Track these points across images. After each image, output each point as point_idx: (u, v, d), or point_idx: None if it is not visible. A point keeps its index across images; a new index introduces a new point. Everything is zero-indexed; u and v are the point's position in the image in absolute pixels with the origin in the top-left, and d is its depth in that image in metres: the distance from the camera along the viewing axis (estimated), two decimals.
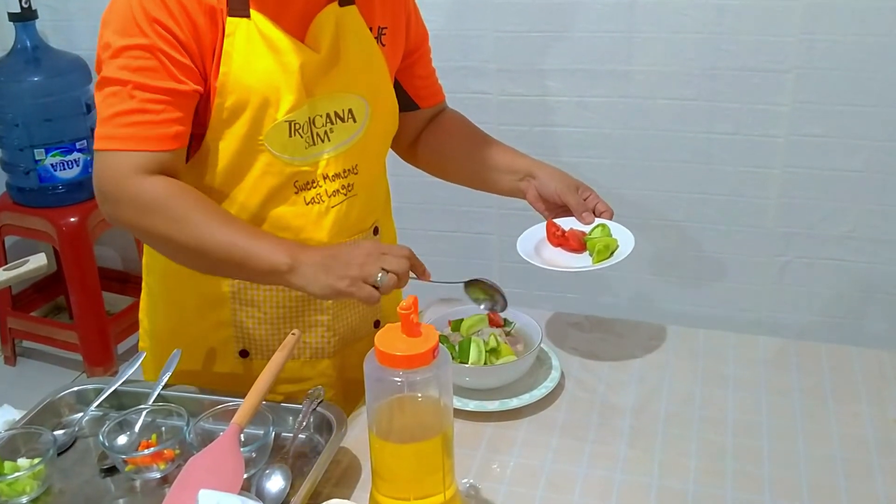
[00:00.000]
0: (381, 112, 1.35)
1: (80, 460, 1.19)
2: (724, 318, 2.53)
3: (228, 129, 1.21)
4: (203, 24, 1.16)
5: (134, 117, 1.15)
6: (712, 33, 2.26)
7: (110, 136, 1.17)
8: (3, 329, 3.07)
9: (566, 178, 1.41)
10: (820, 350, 1.40)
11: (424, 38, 1.46)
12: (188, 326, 1.37)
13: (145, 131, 1.16)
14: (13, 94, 2.73)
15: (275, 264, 1.14)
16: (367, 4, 1.30)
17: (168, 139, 1.17)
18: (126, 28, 1.15)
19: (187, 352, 1.34)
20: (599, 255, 1.32)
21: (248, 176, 1.24)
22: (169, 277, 1.36)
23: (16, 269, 1.31)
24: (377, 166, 1.40)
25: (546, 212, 1.42)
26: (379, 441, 0.99)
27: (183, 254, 1.20)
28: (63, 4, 2.81)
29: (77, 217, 2.80)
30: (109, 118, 1.16)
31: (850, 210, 2.33)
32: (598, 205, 1.40)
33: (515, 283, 2.64)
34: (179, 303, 1.37)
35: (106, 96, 1.17)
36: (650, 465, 1.16)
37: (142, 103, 1.15)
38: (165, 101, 1.16)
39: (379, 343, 0.96)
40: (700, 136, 2.37)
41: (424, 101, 1.49)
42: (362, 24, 1.29)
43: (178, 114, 1.17)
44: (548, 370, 1.33)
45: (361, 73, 1.29)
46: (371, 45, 1.31)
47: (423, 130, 1.52)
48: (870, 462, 1.15)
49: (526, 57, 2.42)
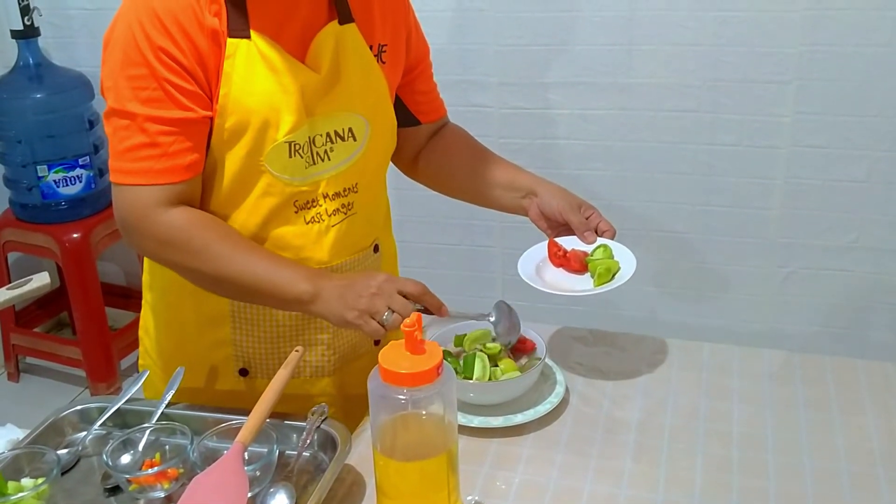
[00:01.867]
0: (380, 130, 1.35)
1: (84, 480, 1.18)
2: (728, 330, 2.52)
3: (229, 150, 1.22)
4: (206, 47, 1.17)
5: (146, 151, 1.17)
6: (713, 45, 2.26)
7: (126, 171, 1.18)
8: (7, 345, 3.06)
9: (568, 197, 1.40)
10: (825, 363, 1.40)
11: (425, 53, 1.46)
12: (188, 344, 1.37)
13: (159, 164, 1.17)
14: (16, 110, 2.74)
15: (298, 294, 1.17)
16: (367, 22, 1.30)
17: (182, 170, 1.18)
18: (131, 57, 1.15)
19: (188, 370, 1.34)
20: (601, 278, 1.31)
21: (249, 196, 1.25)
22: (169, 295, 1.37)
23: (19, 288, 1.31)
24: (377, 184, 1.40)
25: (548, 230, 1.41)
26: (383, 458, 0.99)
27: (207, 283, 1.23)
28: (66, 22, 2.83)
29: (80, 233, 2.80)
30: (123, 153, 1.18)
31: (853, 220, 2.33)
32: (600, 224, 1.38)
33: (519, 297, 2.63)
34: (180, 321, 1.37)
35: (116, 129, 1.18)
36: (655, 479, 1.15)
37: (153, 136, 1.16)
38: (176, 132, 1.16)
39: (383, 361, 0.96)
40: (702, 147, 2.37)
41: (425, 116, 1.49)
42: (362, 43, 1.29)
43: (190, 143, 1.18)
44: (552, 385, 1.32)
45: (361, 91, 1.30)
46: (371, 63, 1.31)
47: (426, 146, 1.51)
48: (876, 474, 1.15)
49: (527, 70, 2.42)
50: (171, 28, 1.14)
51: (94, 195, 2.87)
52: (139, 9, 1.15)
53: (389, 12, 1.34)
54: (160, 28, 1.14)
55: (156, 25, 1.14)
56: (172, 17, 1.14)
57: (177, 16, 1.14)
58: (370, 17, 1.31)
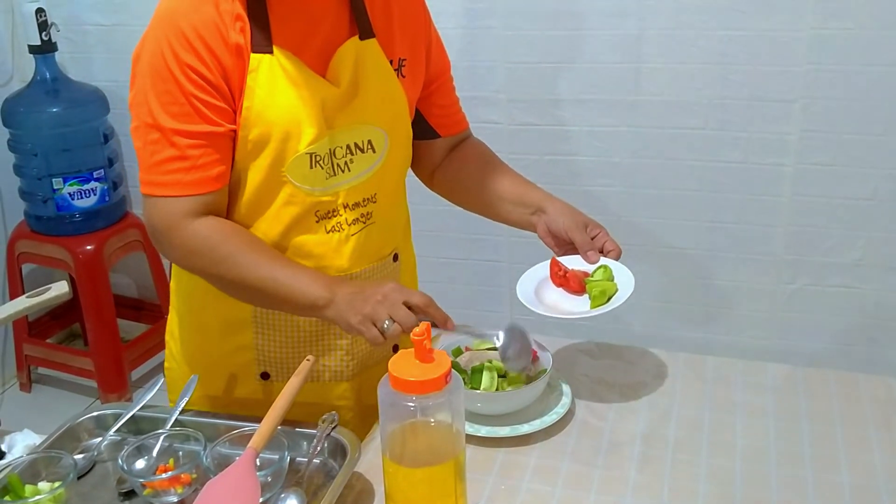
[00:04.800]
0: (399, 142, 1.38)
1: (99, 484, 1.21)
2: (733, 346, 2.53)
3: (253, 161, 1.26)
4: (230, 62, 1.21)
5: (176, 164, 1.21)
6: (720, 63, 2.28)
7: (156, 183, 1.23)
8: (20, 356, 3.09)
9: (576, 215, 1.41)
10: (828, 376, 1.41)
11: (445, 68, 1.48)
12: (211, 348, 1.40)
13: (188, 177, 1.21)
14: (32, 124, 2.78)
15: (314, 299, 1.20)
16: (387, 37, 1.33)
17: (210, 181, 1.23)
18: (160, 73, 1.20)
19: (209, 373, 1.37)
20: (595, 301, 1.31)
21: (272, 206, 1.28)
22: (194, 300, 1.40)
23: (39, 296, 1.34)
24: (396, 194, 1.42)
25: (556, 247, 1.42)
26: (392, 465, 1.01)
27: (232, 289, 1.27)
28: (82, 38, 2.87)
29: (93, 245, 2.84)
30: (153, 166, 1.22)
31: (858, 237, 2.34)
32: (606, 243, 1.38)
33: (526, 311, 2.66)
34: (203, 325, 1.40)
35: (146, 143, 1.22)
36: (659, 490, 1.17)
37: (182, 150, 1.20)
38: (203, 144, 1.21)
39: (392, 368, 0.98)
40: (708, 164, 2.39)
41: (445, 129, 1.50)
42: (382, 57, 1.32)
43: (217, 155, 1.22)
44: (558, 396, 1.34)
45: (381, 104, 1.33)
46: (390, 77, 1.34)
47: (444, 157, 1.53)
48: (878, 488, 1.16)
49: (536, 87, 2.45)
50: (197, 45, 1.18)
51: (107, 208, 2.90)
52: (166, 28, 1.20)
53: (409, 27, 1.37)
54: (187, 46, 1.18)
55: (182, 44, 1.18)
56: (198, 34, 1.18)
57: (202, 34, 1.19)
58: (390, 33, 1.34)
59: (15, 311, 1.35)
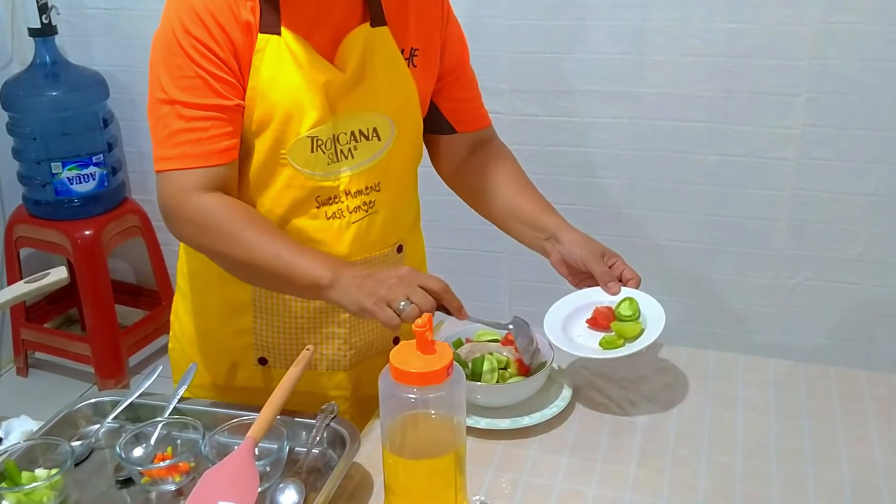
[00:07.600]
0: (407, 132, 1.36)
1: (97, 472, 1.20)
2: (734, 340, 2.53)
3: (255, 140, 1.26)
4: (240, 40, 1.21)
5: (184, 136, 1.21)
6: (724, 56, 2.28)
7: (165, 157, 1.23)
8: (17, 340, 3.09)
9: (591, 245, 1.38)
10: (829, 373, 1.41)
11: (463, 61, 1.45)
12: (212, 330, 1.40)
13: (195, 148, 1.21)
14: (32, 107, 2.77)
15: (316, 279, 1.18)
16: (400, 26, 1.32)
17: (217, 154, 1.22)
18: (170, 48, 1.21)
19: (209, 356, 1.38)
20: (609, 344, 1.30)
21: (272, 187, 1.28)
22: (197, 280, 1.40)
23: (37, 281, 1.33)
24: (403, 184, 1.41)
25: (570, 277, 1.40)
26: (392, 457, 1.00)
27: (235, 268, 1.25)
28: (82, 21, 2.85)
29: (92, 230, 2.83)
30: (163, 140, 1.22)
31: (860, 233, 2.34)
32: (624, 272, 1.36)
33: (526, 302, 2.66)
34: (205, 306, 1.40)
35: (158, 118, 1.22)
36: (659, 485, 1.17)
37: (190, 122, 1.20)
38: (212, 117, 1.21)
39: (394, 360, 0.98)
40: (710, 157, 2.38)
41: (462, 125, 1.47)
42: (393, 45, 1.31)
43: (227, 128, 1.22)
44: (559, 389, 1.34)
45: (388, 93, 1.32)
46: (400, 66, 1.32)
47: (467, 159, 1.50)
48: (878, 485, 1.16)
49: (539, 77, 2.44)
50: (208, 21, 1.19)
51: (106, 193, 2.89)
52: (178, 7, 1.21)
53: (425, 18, 1.36)
54: (197, 22, 1.19)
55: (193, 19, 1.20)
56: (209, 11, 1.20)
57: (213, 11, 1.20)
58: (405, 21, 1.33)
59: (13, 296, 1.34)
